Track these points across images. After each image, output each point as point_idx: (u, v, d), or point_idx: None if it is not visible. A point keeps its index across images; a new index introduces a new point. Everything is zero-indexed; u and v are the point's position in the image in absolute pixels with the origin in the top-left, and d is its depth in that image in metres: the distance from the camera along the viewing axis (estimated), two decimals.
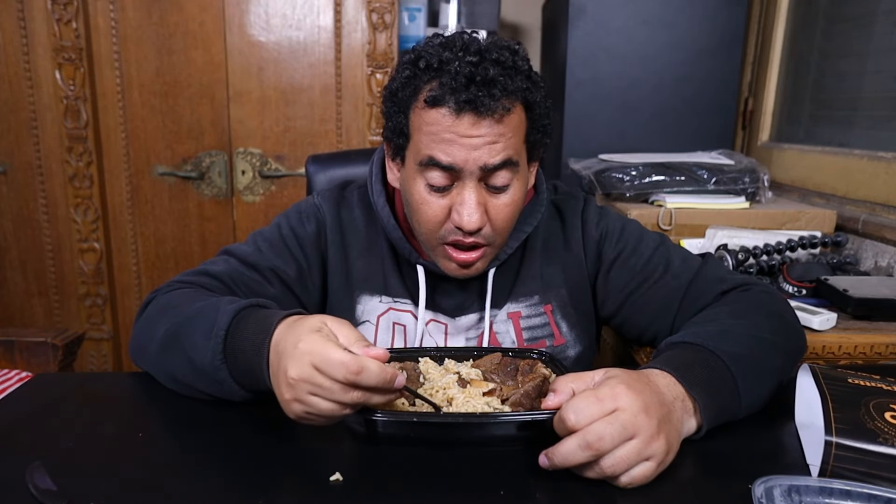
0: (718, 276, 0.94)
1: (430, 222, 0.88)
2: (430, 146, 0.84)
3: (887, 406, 0.69)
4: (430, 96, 0.83)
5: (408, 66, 0.86)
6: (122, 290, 2.30)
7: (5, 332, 1.33)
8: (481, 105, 0.80)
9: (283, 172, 2.23)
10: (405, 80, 0.86)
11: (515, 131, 0.85)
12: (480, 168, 0.83)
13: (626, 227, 1.01)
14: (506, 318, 0.98)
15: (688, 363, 0.74)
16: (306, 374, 0.63)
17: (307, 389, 0.64)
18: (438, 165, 0.84)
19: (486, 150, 0.83)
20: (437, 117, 0.83)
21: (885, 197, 1.52)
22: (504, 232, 0.91)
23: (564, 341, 1.00)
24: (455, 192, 0.86)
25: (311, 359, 0.63)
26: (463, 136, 0.82)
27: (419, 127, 0.85)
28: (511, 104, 0.83)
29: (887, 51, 1.63)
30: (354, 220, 1.02)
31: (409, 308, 0.99)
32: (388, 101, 0.90)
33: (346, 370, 0.62)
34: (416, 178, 0.87)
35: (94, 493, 0.62)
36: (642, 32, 1.98)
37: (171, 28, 2.11)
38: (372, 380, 0.63)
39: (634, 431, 0.62)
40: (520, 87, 0.84)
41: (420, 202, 0.88)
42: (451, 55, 0.83)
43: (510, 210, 0.88)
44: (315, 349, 0.63)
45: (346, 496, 0.63)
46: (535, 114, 0.88)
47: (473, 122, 0.82)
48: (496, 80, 0.81)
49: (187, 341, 0.78)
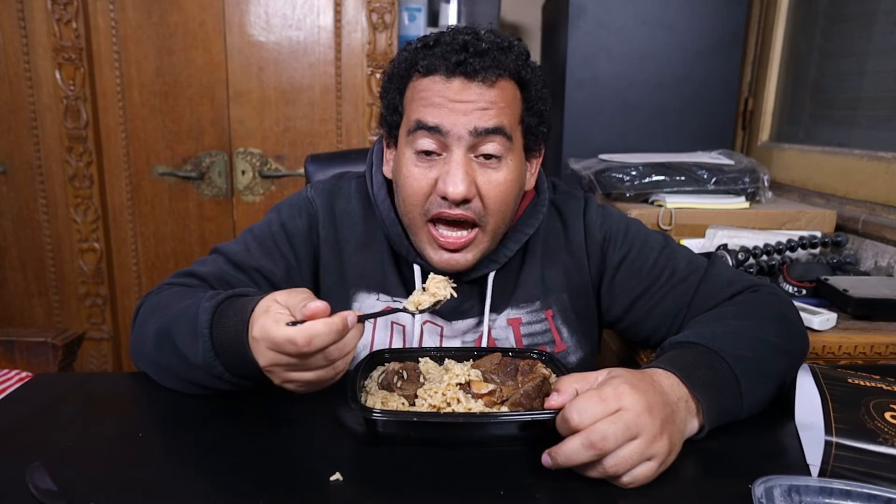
0: (727, 280, 0.93)
1: (416, 195, 0.87)
2: (420, 111, 0.85)
3: (887, 406, 0.69)
4: (423, 65, 0.85)
5: (406, 49, 0.90)
6: (122, 290, 2.30)
7: (5, 332, 1.33)
8: (471, 68, 0.82)
9: (283, 172, 2.23)
10: (402, 61, 0.89)
11: (509, 104, 0.85)
12: (470, 133, 0.83)
13: (630, 229, 0.99)
14: (505, 324, 0.97)
15: (692, 364, 0.74)
16: (271, 358, 0.66)
17: (282, 370, 0.66)
18: (425, 127, 0.84)
19: (477, 114, 0.83)
20: (428, 83, 0.85)
21: (885, 197, 1.52)
22: (497, 214, 0.88)
23: (565, 347, 0.98)
24: (443, 162, 0.85)
25: (266, 344, 0.65)
26: (453, 101, 0.83)
27: (411, 98, 0.87)
28: (502, 73, 0.84)
29: (887, 51, 1.63)
30: (351, 213, 0.99)
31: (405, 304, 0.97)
32: (386, 83, 0.92)
33: (296, 347, 0.63)
34: (405, 153, 0.88)
35: (94, 493, 0.62)
36: (642, 32, 1.98)
37: (171, 28, 2.11)
38: (325, 341, 0.63)
39: (638, 431, 0.62)
40: (513, 64, 0.85)
41: (407, 175, 0.87)
42: (450, 35, 0.86)
43: (503, 189, 0.86)
44: (264, 334, 0.65)
45: (346, 496, 0.63)
46: (530, 95, 0.88)
47: (464, 85, 0.83)
48: (488, 51, 0.83)
49: (178, 340, 0.78)
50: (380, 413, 0.69)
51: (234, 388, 0.78)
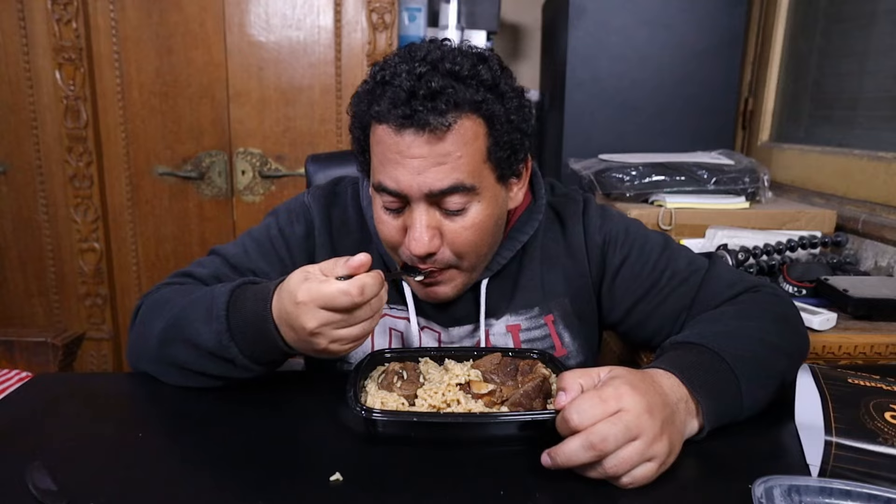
0: (728, 281, 0.92)
1: (387, 242, 0.87)
2: (379, 169, 0.82)
3: (887, 406, 0.69)
4: (375, 111, 0.79)
5: (369, 79, 0.83)
6: (122, 290, 2.30)
7: (5, 332, 1.33)
8: (419, 120, 0.76)
9: (283, 172, 2.23)
10: (363, 94, 0.83)
11: (468, 149, 0.79)
12: (426, 195, 0.80)
13: (630, 230, 0.98)
14: (504, 330, 0.95)
15: (692, 364, 0.73)
16: (321, 317, 0.68)
17: (331, 329, 0.69)
18: (385, 191, 0.82)
19: (432, 172, 0.78)
20: (382, 135, 0.80)
21: (885, 197, 1.52)
22: (470, 255, 0.86)
23: (566, 352, 0.97)
24: (407, 213, 0.83)
25: (316, 303, 0.68)
26: (406, 157, 0.78)
27: (372, 144, 0.83)
28: (457, 118, 0.77)
29: (887, 51, 1.63)
30: (347, 221, 0.99)
31: (404, 315, 0.96)
32: (351, 117, 0.87)
33: (350, 297, 0.67)
34: (375, 198, 0.86)
35: (94, 493, 0.62)
36: (642, 32, 1.98)
37: (171, 28, 2.11)
38: (374, 290, 0.69)
39: (638, 432, 0.62)
40: (471, 99, 0.78)
41: (378, 221, 0.87)
42: (406, 66, 0.78)
43: (471, 234, 0.83)
44: (313, 294, 0.68)
45: (346, 496, 0.63)
46: (497, 128, 0.81)
47: (414, 138, 0.77)
48: (441, 92, 0.76)
49: (188, 329, 0.79)
50: (380, 413, 0.69)
51: (243, 375, 0.79)
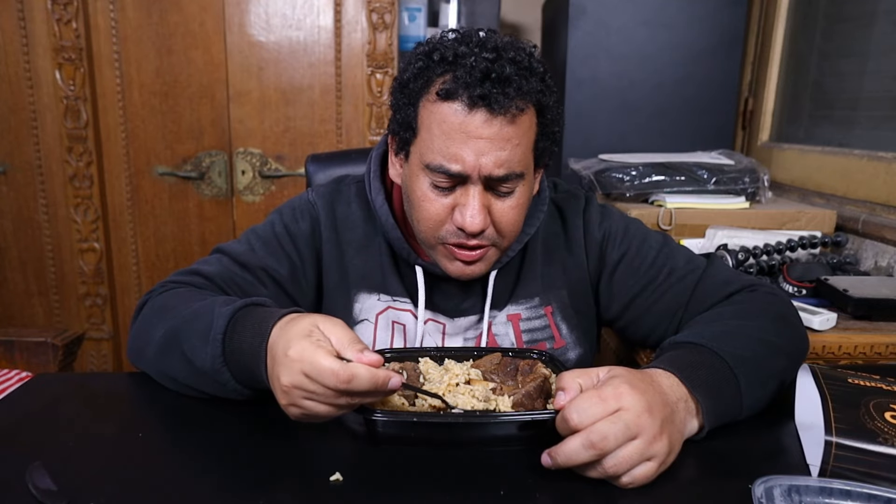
0: (725, 279, 0.93)
1: (431, 220, 0.86)
2: (439, 149, 0.82)
3: (887, 406, 0.69)
4: (442, 89, 0.80)
5: (422, 57, 0.84)
6: (122, 290, 2.30)
7: (5, 332, 1.33)
8: (495, 102, 0.78)
9: (283, 172, 2.23)
10: (417, 72, 0.84)
11: (524, 137, 0.83)
12: (485, 178, 0.82)
13: (629, 228, 1.00)
14: (505, 320, 0.97)
15: (691, 364, 0.74)
16: (297, 381, 0.64)
17: (300, 395, 0.65)
18: (446, 172, 0.82)
19: (494, 155, 0.80)
20: (448, 112, 0.80)
21: (885, 197, 1.52)
22: (509, 234, 0.89)
23: (564, 343, 0.98)
24: (459, 192, 0.84)
25: (301, 367, 0.63)
26: (473, 136, 0.80)
27: (429, 123, 0.83)
28: (524, 105, 0.81)
29: (887, 51, 1.63)
30: (351, 216, 1.00)
31: (408, 307, 0.97)
32: (398, 92, 0.87)
33: (336, 379, 0.62)
34: (419, 176, 0.86)
35: (94, 493, 0.62)
36: (642, 32, 1.98)
37: (171, 28, 2.11)
38: (363, 386, 0.63)
39: (638, 431, 0.62)
40: (534, 89, 0.82)
41: (422, 198, 0.86)
42: (467, 49, 0.81)
43: (515, 213, 0.87)
44: (304, 357, 0.63)
45: (346, 496, 0.63)
46: (546, 119, 0.86)
47: (485, 119, 0.79)
48: (511, 79, 0.79)
49: (186, 344, 0.78)
50: (380, 413, 0.69)
51: (235, 396, 0.78)
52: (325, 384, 0.62)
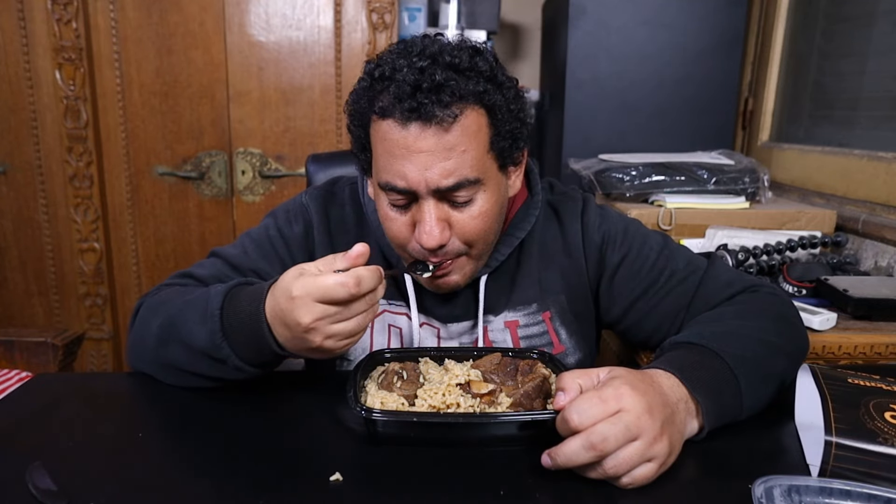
0: (726, 280, 0.93)
1: (396, 238, 0.87)
2: (384, 166, 0.82)
3: (887, 406, 0.69)
4: (379, 107, 0.79)
5: (366, 76, 0.83)
6: (122, 290, 2.30)
7: (5, 332, 1.33)
8: (425, 112, 0.76)
9: (283, 172, 2.23)
10: (362, 91, 0.83)
11: (472, 142, 0.80)
12: (433, 191, 0.81)
13: (629, 230, 0.98)
14: (503, 326, 0.96)
15: (692, 364, 0.73)
16: (317, 311, 0.67)
17: (326, 323, 0.68)
18: (395, 189, 0.82)
19: (439, 167, 0.79)
20: (386, 130, 0.80)
21: (885, 197, 1.52)
22: (479, 242, 0.87)
23: (564, 349, 0.97)
24: (415, 209, 0.84)
25: (312, 297, 0.67)
26: (413, 151, 0.78)
27: (375, 142, 0.83)
28: (461, 109, 0.78)
29: (887, 51, 1.63)
30: (344, 219, 1.00)
31: (403, 311, 0.97)
32: (349, 114, 0.86)
33: (347, 288, 0.66)
34: (379, 195, 0.86)
35: (94, 493, 0.62)
36: (642, 32, 1.98)
37: (171, 28, 2.11)
38: (371, 283, 0.67)
39: (638, 432, 0.62)
40: (474, 91, 0.79)
41: (384, 218, 0.87)
42: (406, 61, 0.79)
43: (479, 222, 0.84)
44: (309, 288, 0.67)
45: (346, 496, 0.63)
46: (498, 118, 0.82)
47: (420, 131, 0.78)
48: (445, 85, 0.77)
49: (183, 329, 0.79)
50: (380, 413, 0.69)
51: (236, 376, 0.79)
52: (339, 298, 0.66)
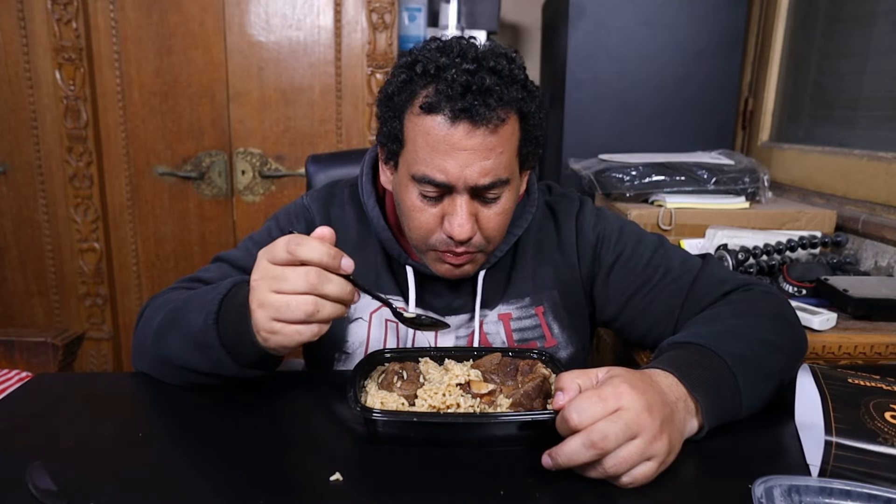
0: (720, 278, 0.94)
1: (421, 228, 0.89)
2: (423, 159, 0.83)
3: (887, 406, 0.69)
4: (425, 102, 0.82)
5: (404, 69, 0.85)
6: (122, 290, 2.30)
7: (5, 332, 1.33)
8: (477, 114, 0.80)
9: (283, 172, 2.23)
10: (401, 85, 0.85)
11: (508, 144, 0.85)
12: (470, 188, 0.84)
13: (624, 230, 1.01)
14: (496, 319, 0.98)
15: (690, 363, 0.74)
16: (261, 270, 0.68)
17: (266, 284, 0.67)
18: (432, 182, 0.84)
19: (479, 165, 0.82)
20: (431, 125, 0.82)
21: (885, 197, 1.52)
22: (495, 239, 0.91)
23: (556, 342, 1.00)
24: (447, 202, 0.86)
25: (263, 255, 0.69)
26: (457, 148, 0.81)
27: (414, 135, 0.85)
28: (506, 114, 0.82)
29: (887, 51, 1.63)
30: (345, 218, 1.03)
31: (400, 305, 0.98)
32: (383, 105, 0.89)
33: (286, 244, 0.67)
34: (408, 186, 0.88)
35: (94, 493, 0.62)
36: (642, 32, 1.98)
37: (171, 28, 2.11)
38: (312, 253, 0.66)
39: (638, 431, 0.62)
40: (515, 98, 0.83)
41: (412, 208, 0.88)
42: (448, 61, 0.82)
43: (501, 219, 0.89)
44: (262, 257, 0.69)
45: (346, 496, 0.63)
46: (529, 125, 0.87)
47: (468, 131, 0.81)
48: (492, 90, 0.80)
49: (184, 319, 0.80)
50: (380, 413, 0.69)
51: (220, 369, 0.78)
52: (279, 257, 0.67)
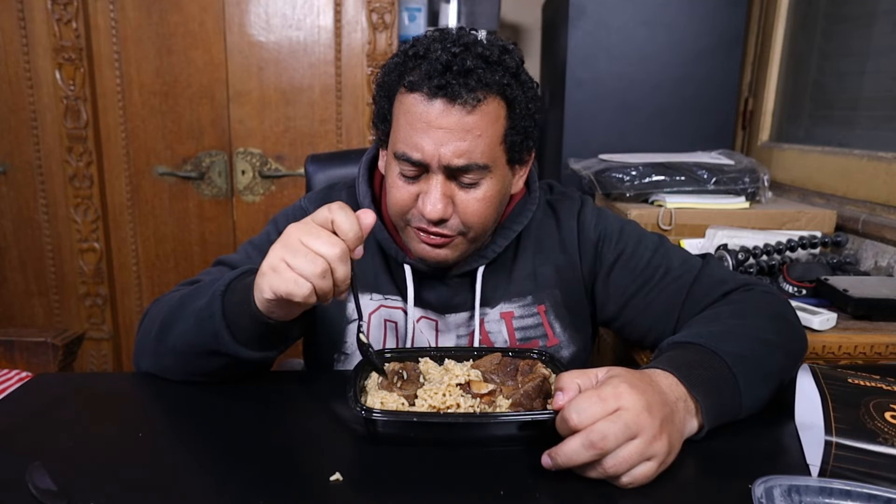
0: (720, 278, 0.94)
1: (397, 205, 0.90)
2: (403, 137, 0.86)
3: (887, 406, 0.69)
4: (408, 81, 0.85)
5: (400, 53, 0.89)
6: (122, 290, 2.30)
7: (5, 332, 1.33)
8: (452, 92, 0.81)
9: (283, 172, 2.23)
10: (393, 66, 0.89)
11: (488, 129, 0.85)
12: (445, 166, 0.85)
13: (625, 229, 1.01)
14: (498, 317, 0.98)
15: (690, 363, 0.74)
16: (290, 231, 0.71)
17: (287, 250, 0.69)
18: (409, 160, 0.85)
19: (454, 145, 0.83)
20: (411, 102, 0.84)
21: (885, 197, 1.52)
22: (476, 225, 0.90)
23: (558, 342, 1.00)
24: (423, 181, 0.88)
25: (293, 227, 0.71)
26: (433, 126, 0.83)
27: (398, 113, 0.87)
28: (485, 96, 0.83)
29: (887, 51, 1.63)
30: None
31: (399, 305, 0.99)
32: (378, 87, 0.92)
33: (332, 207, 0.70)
34: (391, 164, 0.90)
35: (94, 493, 0.62)
36: (642, 32, 1.98)
37: (171, 28, 2.11)
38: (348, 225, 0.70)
39: (637, 431, 0.62)
40: (498, 82, 0.84)
41: (391, 185, 0.90)
42: (439, 45, 0.84)
43: (481, 206, 0.88)
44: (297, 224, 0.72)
45: (346, 496, 0.63)
46: (516, 112, 0.87)
47: (444, 108, 0.82)
48: (473, 71, 0.82)
49: (191, 305, 0.82)
50: (380, 413, 0.69)
51: (216, 347, 0.79)
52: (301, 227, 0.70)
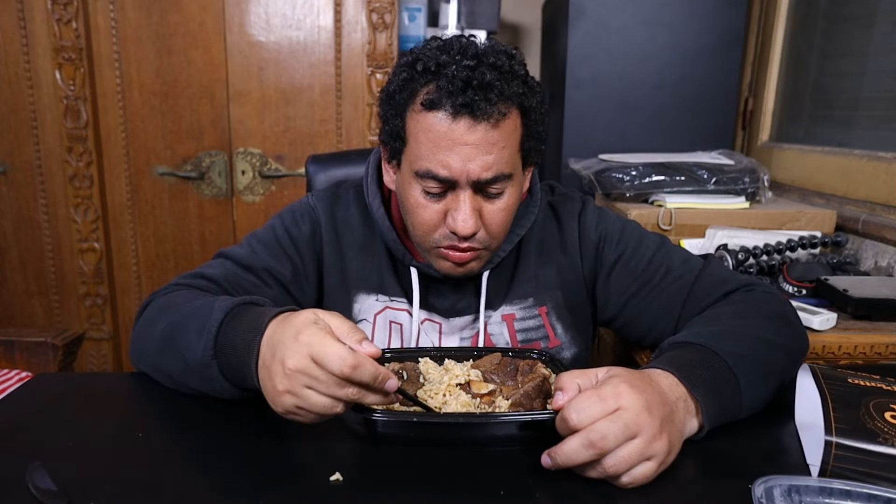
0: (721, 278, 0.94)
1: (424, 225, 0.88)
2: (427, 156, 0.84)
3: (887, 406, 0.69)
4: (426, 99, 0.82)
5: (405, 68, 0.86)
6: (122, 290, 2.30)
7: (5, 332, 1.33)
8: (478, 109, 0.80)
9: (283, 172, 2.23)
10: (402, 83, 0.86)
11: (510, 139, 0.85)
12: (473, 182, 0.84)
13: (626, 230, 1.01)
14: (500, 319, 0.99)
15: (690, 363, 0.74)
16: (303, 365, 0.63)
17: (303, 382, 0.64)
18: (436, 178, 0.84)
19: (481, 160, 0.83)
20: (433, 121, 0.83)
21: (885, 197, 1.52)
22: (499, 235, 0.91)
23: (559, 343, 1.00)
24: (450, 197, 0.86)
25: (310, 350, 0.63)
26: (459, 143, 0.82)
27: (416, 132, 0.85)
28: (507, 109, 0.83)
29: (887, 51, 1.63)
30: (350, 219, 1.02)
31: (404, 307, 0.99)
32: (385, 104, 0.90)
33: (343, 363, 0.62)
34: (411, 183, 0.88)
35: (94, 493, 0.62)
36: (642, 32, 1.98)
37: (171, 28, 2.11)
38: (366, 376, 0.63)
39: (637, 431, 0.62)
40: (516, 92, 0.84)
41: (415, 206, 0.88)
42: (449, 58, 0.83)
43: (504, 215, 0.89)
44: (314, 341, 0.64)
45: (346, 496, 0.63)
46: (530, 119, 0.88)
47: (470, 126, 0.81)
48: (493, 85, 0.81)
49: (182, 340, 0.78)
50: (380, 413, 0.69)
51: (220, 395, 0.78)
52: (330, 369, 0.62)
